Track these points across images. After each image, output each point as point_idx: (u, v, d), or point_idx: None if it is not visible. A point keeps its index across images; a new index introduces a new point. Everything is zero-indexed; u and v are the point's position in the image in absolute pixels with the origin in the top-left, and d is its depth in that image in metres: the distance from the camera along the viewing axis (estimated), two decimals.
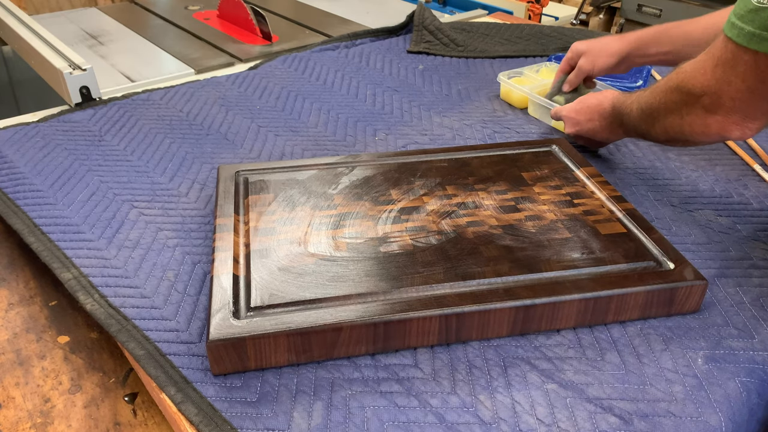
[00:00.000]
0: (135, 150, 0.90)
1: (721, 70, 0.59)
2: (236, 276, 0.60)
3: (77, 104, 1.03)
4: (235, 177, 0.75)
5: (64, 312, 0.68)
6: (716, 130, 0.62)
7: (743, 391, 0.54)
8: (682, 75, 0.64)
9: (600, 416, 0.51)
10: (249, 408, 0.52)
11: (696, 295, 0.61)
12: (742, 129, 0.61)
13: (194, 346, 0.58)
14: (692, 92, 0.62)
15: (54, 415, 0.57)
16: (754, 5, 0.54)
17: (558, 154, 0.82)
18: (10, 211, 0.76)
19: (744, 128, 0.60)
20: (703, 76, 0.61)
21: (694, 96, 0.62)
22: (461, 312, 0.56)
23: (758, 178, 0.85)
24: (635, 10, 2.33)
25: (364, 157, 0.81)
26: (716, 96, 0.60)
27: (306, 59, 1.23)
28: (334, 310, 0.56)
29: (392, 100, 1.08)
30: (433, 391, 0.53)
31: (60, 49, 1.09)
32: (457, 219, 0.69)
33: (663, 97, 0.67)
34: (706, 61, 0.61)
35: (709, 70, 0.60)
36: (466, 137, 0.96)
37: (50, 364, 0.62)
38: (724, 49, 0.58)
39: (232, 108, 1.03)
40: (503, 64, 1.24)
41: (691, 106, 0.63)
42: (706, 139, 0.64)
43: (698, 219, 0.76)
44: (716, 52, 0.59)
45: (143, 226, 0.74)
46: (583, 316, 0.59)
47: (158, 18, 1.56)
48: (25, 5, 1.98)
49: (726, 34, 0.57)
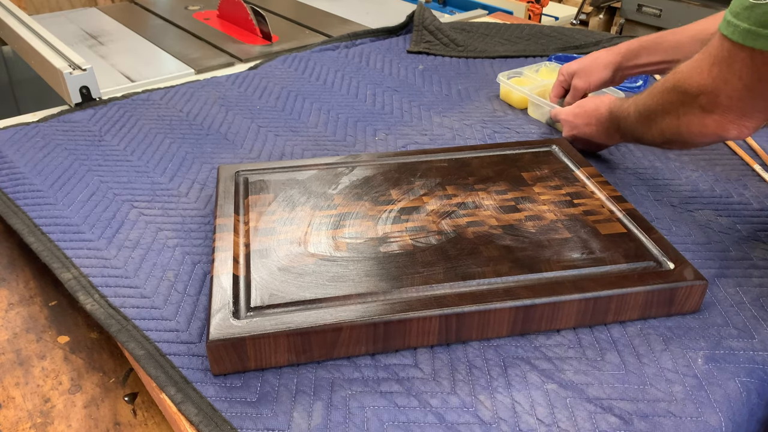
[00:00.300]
0: (135, 150, 0.90)
1: (717, 68, 0.58)
2: (236, 276, 0.60)
3: (77, 104, 1.03)
4: (235, 177, 0.75)
5: (64, 312, 0.68)
6: (713, 130, 0.62)
7: (743, 391, 0.54)
8: (679, 75, 0.63)
9: (600, 416, 0.51)
10: (249, 408, 0.52)
11: (696, 295, 0.61)
12: (740, 128, 0.60)
13: (194, 346, 0.58)
14: (689, 92, 0.62)
15: (54, 415, 0.57)
16: (749, 2, 0.54)
17: (558, 154, 0.82)
18: (10, 211, 0.76)
19: (741, 127, 0.60)
20: (699, 76, 0.60)
21: (690, 96, 0.62)
22: (461, 312, 0.56)
23: (758, 178, 0.85)
24: (635, 10, 2.33)
25: (364, 157, 0.81)
26: (713, 95, 0.60)
27: (306, 59, 1.23)
28: (334, 310, 0.56)
29: (392, 100, 1.08)
30: (433, 391, 0.53)
31: (60, 49, 1.09)
32: (457, 219, 0.69)
33: (660, 98, 0.67)
34: (702, 60, 0.60)
35: (706, 69, 0.60)
36: (466, 137, 0.96)
37: (50, 364, 0.62)
38: (720, 48, 0.58)
39: (232, 108, 1.03)
40: (503, 64, 1.24)
41: (688, 106, 0.63)
42: (704, 139, 0.64)
43: (698, 219, 0.76)
44: (713, 50, 0.59)
45: (143, 226, 0.74)
46: (583, 316, 0.59)
47: (158, 18, 1.56)
48: (25, 5, 1.98)
49: (722, 32, 0.57)
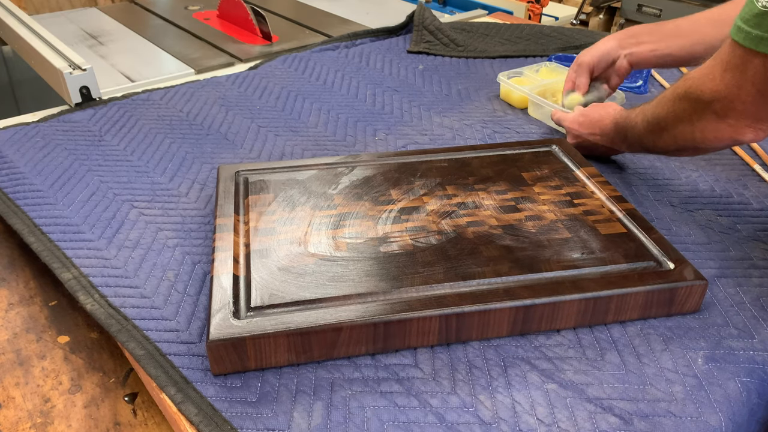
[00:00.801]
0: (135, 150, 0.90)
1: (730, 74, 0.58)
2: (236, 276, 0.60)
3: (77, 104, 1.03)
4: (235, 177, 0.75)
5: (64, 312, 0.68)
6: (729, 135, 0.61)
7: (743, 391, 0.54)
8: (690, 82, 0.63)
9: (600, 416, 0.51)
10: (249, 408, 0.52)
11: (696, 295, 0.61)
12: (756, 131, 0.60)
13: (194, 346, 0.58)
14: (702, 98, 0.61)
15: (54, 415, 0.57)
16: (759, 9, 0.53)
17: (558, 154, 0.82)
18: (10, 211, 0.76)
19: (757, 131, 0.60)
20: (712, 82, 0.60)
21: (703, 102, 0.61)
22: (461, 312, 0.56)
23: (758, 178, 0.85)
24: (635, 10, 2.33)
25: (364, 157, 0.81)
26: (727, 101, 0.59)
27: (306, 59, 1.23)
28: (334, 310, 0.56)
29: (392, 100, 1.08)
30: (433, 391, 0.53)
31: (60, 49, 1.09)
32: (457, 219, 0.69)
33: (671, 107, 0.66)
34: (714, 66, 0.60)
35: (718, 76, 0.59)
36: (466, 137, 0.96)
37: (50, 364, 0.62)
38: (732, 54, 0.57)
39: (232, 108, 1.03)
40: (503, 64, 1.24)
41: (701, 112, 0.62)
42: (719, 144, 0.64)
43: (698, 219, 0.76)
44: (724, 57, 0.59)
45: (143, 226, 0.74)
46: (583, 316, 0.59)
47: (158, 18, 1.56)
48: (25, 5, 1.98)
49: (733, 38, 0.57)
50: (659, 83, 1.14)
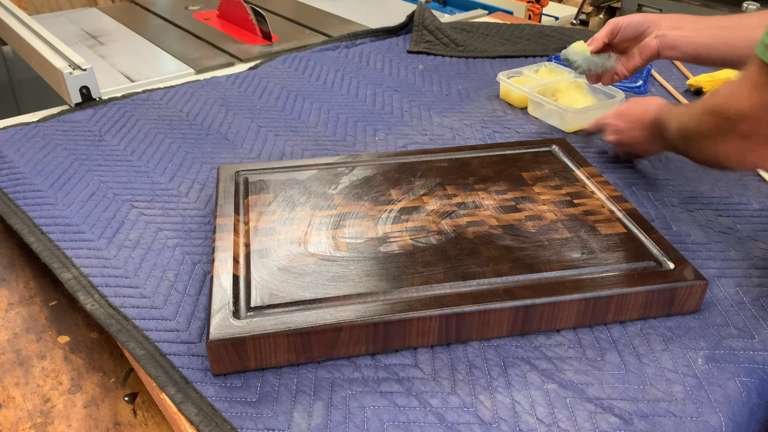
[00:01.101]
0: (135, 150, 0.90)
1: (758, 94, 0.55)
2: (236, 276, 0.60)
3: (77, 104, 1.03)
4: (235, 177, 0.76)
5: (64, 312, 0.68)
6: (753, 160, 0.59)
7: (743, 391, 0.54)
8: (717, 98, 0.60)
9: (600, 416, 0.51)
10: (249, 408, 0.52)
11: (696, 295, 0.61)
12: None
13: (194, 346, 0.58)
14: (728, 117, 0.59)
15: (54, 415, 0.57)
16: None
17: (558, 154, 0.82)
18: (10, 211, 0.76)
19: None
20: (739, 101, 0.57)
21: (730, 121, 0.59)
22: (461, 312, 0.56)
23: (758, 178, 0.85)
24: (635, 11, 2.33)
25: (364, 157, 0.81)
26: (754, 122, 0.56)
27: (306, 59, 1.23)
28: (334, 310, 0.56)
29: (392, 100, 1.08)
30: (433, 391, 0.53)
31: (60, 49, 1.09)
32: (457, 219, 0.69)
33: (698, 120, 0.64)
34: (742, 85, 0.57)
35: (745, 95, 0.56)
36: (466, 137, 0.96)
37: (50, 364, 0.62)
38: (759, 73, 0.55)
39: (232, 108, 1.03)
40: (503, 64, 1.24)
41: (726, 132, 0.60)
42: (741, 167, 0.62)
43: (698, 219, 0.76)
44: (752, 76, 0.56)
45: (143, 226, 0.74)
46: (583, 316, 0.59)
47: (158, 18, 1.56)
48: (25, 5, 1.98)
49: (759, 56, 0.54)
50: (659, 83, 1.14)
